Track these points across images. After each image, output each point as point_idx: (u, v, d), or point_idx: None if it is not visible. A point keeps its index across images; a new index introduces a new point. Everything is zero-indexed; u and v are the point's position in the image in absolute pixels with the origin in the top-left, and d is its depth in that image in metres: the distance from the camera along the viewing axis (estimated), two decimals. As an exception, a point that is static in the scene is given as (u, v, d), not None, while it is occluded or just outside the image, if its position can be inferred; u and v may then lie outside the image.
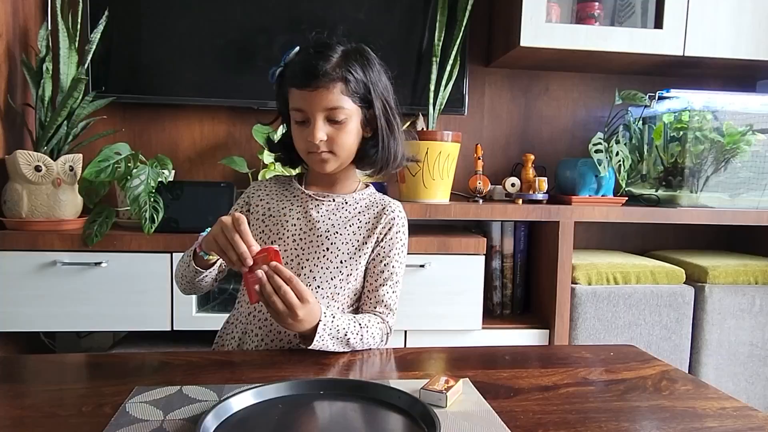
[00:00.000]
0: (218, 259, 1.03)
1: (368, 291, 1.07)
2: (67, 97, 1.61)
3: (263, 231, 1.07)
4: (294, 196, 1.09)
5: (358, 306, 1.09)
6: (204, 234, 0.97)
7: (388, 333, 1.05)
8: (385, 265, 1.06)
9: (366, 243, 1.05)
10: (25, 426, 0.67)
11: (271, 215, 1.07)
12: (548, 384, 0.85)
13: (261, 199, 1.10)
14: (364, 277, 1.08)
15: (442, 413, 0.71)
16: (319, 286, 1.03)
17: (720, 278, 1.84)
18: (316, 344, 0.92)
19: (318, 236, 1.04)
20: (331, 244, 1.04)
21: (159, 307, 1.60)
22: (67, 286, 1.57)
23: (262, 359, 0.94)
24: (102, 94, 1.76)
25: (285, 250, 1.04)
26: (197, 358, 0.92)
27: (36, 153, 1.59)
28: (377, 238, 1.06)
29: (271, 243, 1.05)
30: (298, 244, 1.04)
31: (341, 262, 1.04)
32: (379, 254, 1.06)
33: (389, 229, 1.07)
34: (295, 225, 1.05)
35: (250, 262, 0.85)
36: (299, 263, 1.04)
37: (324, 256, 1.03)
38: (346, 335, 0.95)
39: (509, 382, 0.85)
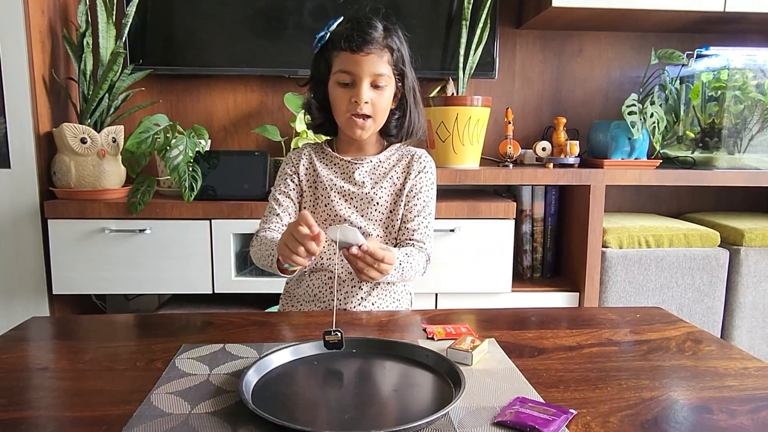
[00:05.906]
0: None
1: (403, 224, 1.17)
2: (107, 70, 1.67)
3: (314, 195, 1.17)
4: (334, 163, 1.17)
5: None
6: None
7: (427, 260, 1.16)
8: (417, 199, 1.16)
9: (403, 189, 1.16)
10: (87, 378, 0.74)
11: (321, 181, 1.16)
12: (572, 344, 0.87)
13: (307, 168, 1.18)
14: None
15: (468, 371, 0.75)
16: (371, 234, 1.14)
17: (756, 241, 1.81)
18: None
19: (365, 194, 1.14)
20: (379, 198, 1.15)
21: (201, 271, 1.68)
22: (114, 252, 1.66)
23: (297, 320, 0.99)
24: (139, 67, 1.81)
25: (338, 209, 1.14)
26: (238, 318, 0.98)
27: (81, 125, 1.66)
28: (411, 181, 1.17)
29: (324, 206, 1.15)
30: (348, 203, 1.15)
31: (389, 211, 1.16)
32: (412, 190, 1.16)
33: (419, 171, 1.17)
34: (342, 187, 1.14)
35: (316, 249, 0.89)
36: (353, 219, 1.13)
37: (374, 209, 1.15)
38: (400, 264, 1.06)
39: (534, 342, 0.88)
